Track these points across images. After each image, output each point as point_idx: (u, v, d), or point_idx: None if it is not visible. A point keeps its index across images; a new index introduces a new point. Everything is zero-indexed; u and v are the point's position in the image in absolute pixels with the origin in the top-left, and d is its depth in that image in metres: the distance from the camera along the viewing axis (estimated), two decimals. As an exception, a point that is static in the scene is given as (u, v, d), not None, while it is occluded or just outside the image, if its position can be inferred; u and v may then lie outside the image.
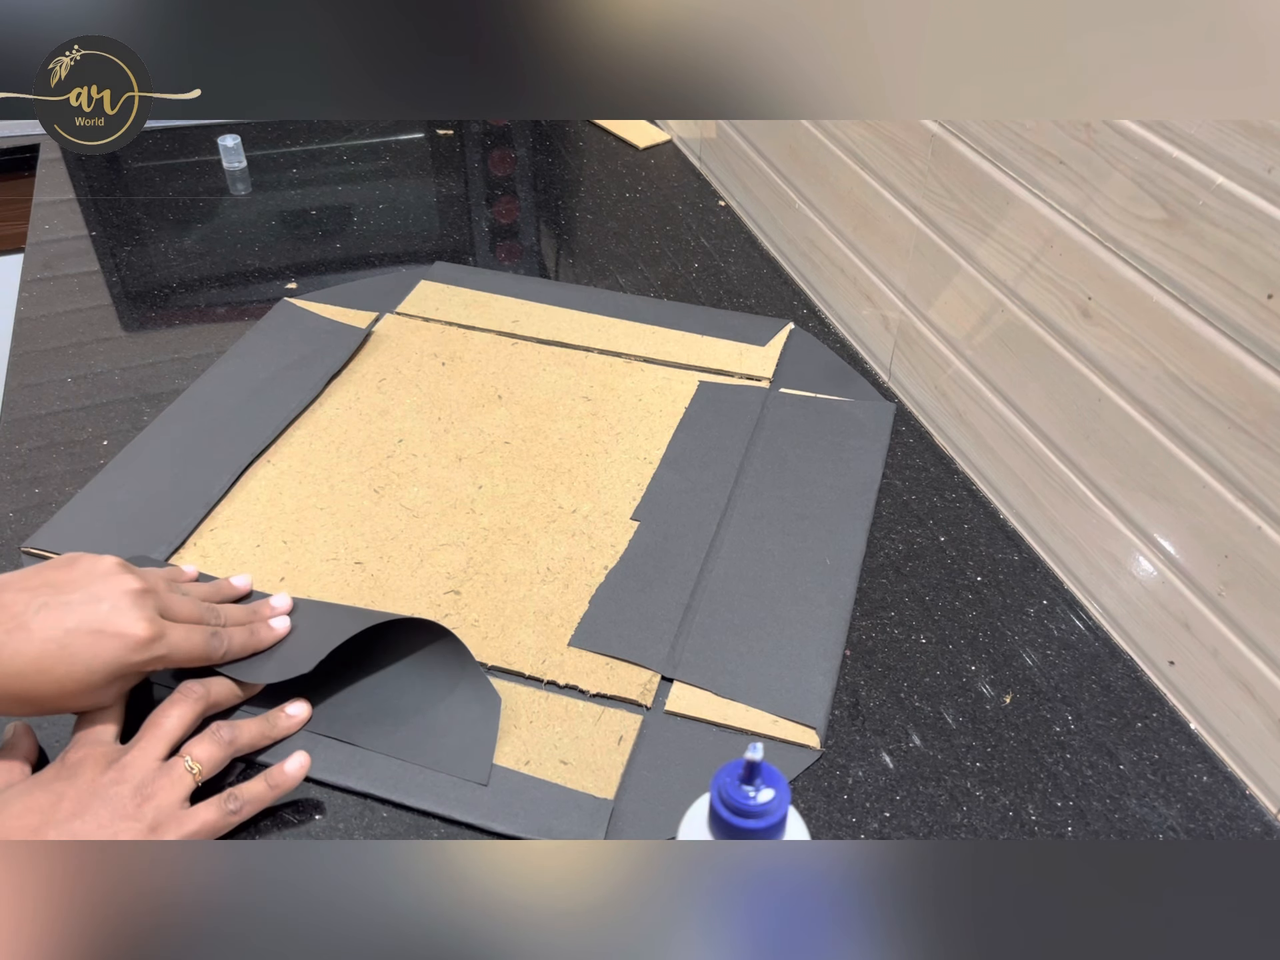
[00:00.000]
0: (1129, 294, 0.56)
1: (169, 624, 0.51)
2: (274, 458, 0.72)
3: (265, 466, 0.71)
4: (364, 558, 0.64)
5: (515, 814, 0.52)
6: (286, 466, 0.71)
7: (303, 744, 0.53)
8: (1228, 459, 0.52)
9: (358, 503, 0.68)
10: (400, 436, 0.74)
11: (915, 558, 0.67)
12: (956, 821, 0.53)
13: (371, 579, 0.63)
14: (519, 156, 1.17)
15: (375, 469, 0.71)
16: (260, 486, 0.69)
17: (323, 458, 0.72)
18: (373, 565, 0.64)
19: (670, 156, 1.17)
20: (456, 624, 0.60)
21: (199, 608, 0.53)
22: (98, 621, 0.48)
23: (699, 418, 0.76)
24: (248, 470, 0.70)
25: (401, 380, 0.79)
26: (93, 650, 0.47)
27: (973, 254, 0.68)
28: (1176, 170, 0.51)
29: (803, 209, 0.91)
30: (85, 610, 0.48)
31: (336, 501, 0.68)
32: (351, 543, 0.65)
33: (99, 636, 0.48)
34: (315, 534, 0.66)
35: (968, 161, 0.67)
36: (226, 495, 0.68)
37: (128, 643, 0.48)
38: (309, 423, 0.75)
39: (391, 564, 0.64)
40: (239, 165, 1.10)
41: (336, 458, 0.72)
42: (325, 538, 0.66)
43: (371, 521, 0.67)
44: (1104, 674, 0.60)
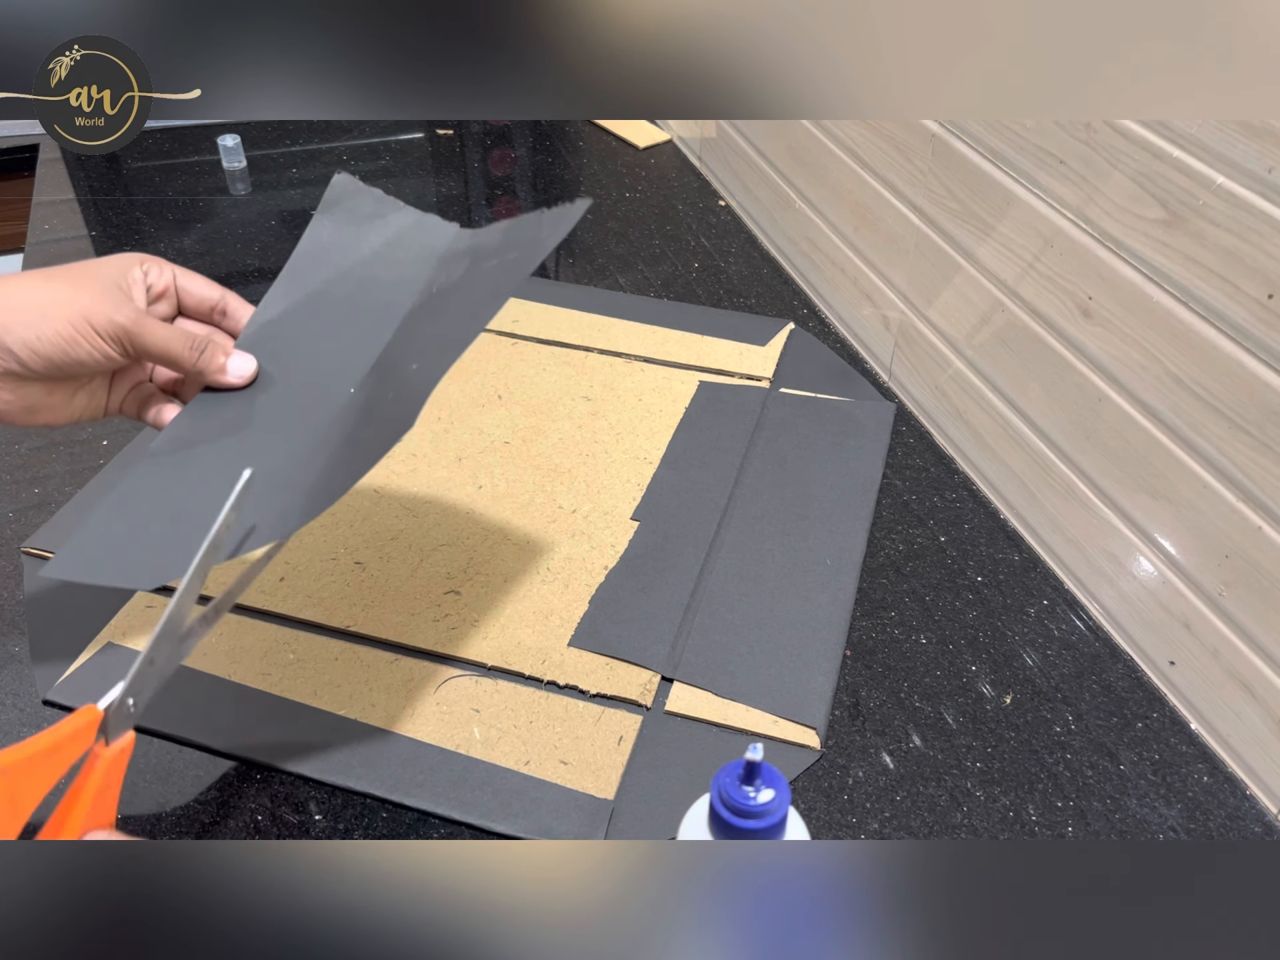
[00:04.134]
0: (1129, 294, 0.56)
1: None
2: (274, 458, 0.72)
3: (265, 466, 0.71)
4: (364, 557, 0.64)
5: (515, 814, 0.51)
6: (286, 466, 0.71)
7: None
8: (1228, 459, 0.52)
9: (358, 502, 0.68)
10: (400, 436, 0.74)
11: (915, 558, 0.67)
12: (957, 822, 0.53)
13: (371, 579, 0.63)
14: (519, 156, 1.17)
15: (375, 469, 0.71)
16: (260, 486, 0.69)
17: (323, 458, 0.72)
18: (373, 565, 0.64)
19: (670, 156, 1.17)
20: (456, 624, 0.60)
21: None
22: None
23: (699, 418, 0.76)
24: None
25: (401, 380, 0.79)
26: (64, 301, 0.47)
27: (973, 254, 0.68)
28: (1177, 170, 0.51)
29: (803, 209, 0.91)
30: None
31: (336, 501, 0.68)
32: (351, 542, 0.65)
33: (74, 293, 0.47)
34: (315, 534, 0.66)
35: (968, 161, 0.67)
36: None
37: (100, 303, 0.47)
38: (309, 423, 0.75)
39: (391, 564, 0.64)
40: (239, 165, 1.10)
41: (336, 458, 0.72)
42: (325, 537, 0.66)
43: (371, 521, 0.67)
44: (1104, 674, 0.60)
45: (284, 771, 0.54)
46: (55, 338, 0.46)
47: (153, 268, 0.51)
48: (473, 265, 0.52)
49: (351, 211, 0.57)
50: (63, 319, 0.47)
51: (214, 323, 0.54)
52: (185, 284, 0.52)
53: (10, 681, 0.58)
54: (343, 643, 0.60)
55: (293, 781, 0.54)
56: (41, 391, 0.49)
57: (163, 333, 0.49)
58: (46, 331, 0.46)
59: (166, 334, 0.49)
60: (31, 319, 0.46)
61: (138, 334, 0.48)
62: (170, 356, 0.49)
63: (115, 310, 0.48)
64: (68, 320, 0.47)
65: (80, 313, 0.47)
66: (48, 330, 0.46)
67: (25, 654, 0.59)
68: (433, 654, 0.59)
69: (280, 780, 0.54)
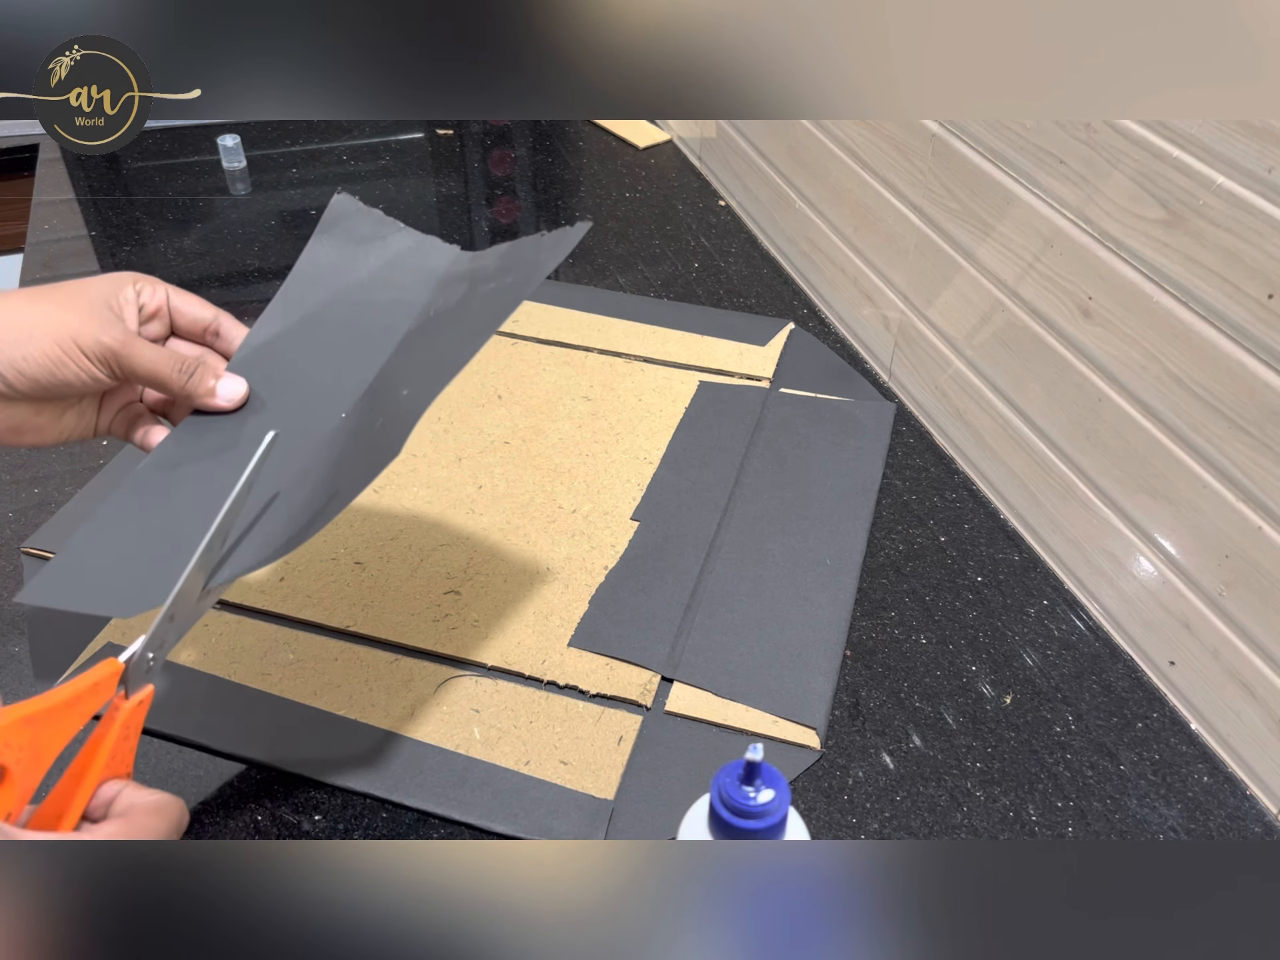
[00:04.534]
0: (1129, 294, 0.56)
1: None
2: (274, 458, 0.72)
3: (265, 466, 0.71)
4: (364, 558, 0.64)
5: (515, 814, 0.51)
6: (286, 466, 0.71)
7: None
8: (1228, 459, 0.52)
9: (358, 503, 0.68)
10: (400, 436, 0.74)
11: (915, 558, 0.67)
12: (957, 822, 0.53)
13: (371, 579, 0.63)
14: (519, 156, 1.17)
15: (375, 469, 0.71)
16: (260, 486, 0.69)
17: (323, 458, 0.72)
18: (373, 565, 0.64)
19: (670, 156, 1.17)
20: (456, 624, 0.60)
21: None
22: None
23: (699, 418, 0.76)
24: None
25: (401, 380, 0.79)
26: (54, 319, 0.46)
27: (973, 254, 0.68)
28: (1177, 170, 0.51)
29: (803, 209, 0.91)
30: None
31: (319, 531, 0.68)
32: (351, 542, 0.65)
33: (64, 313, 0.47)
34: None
35: (968, 161, 0.67)
36: (226, 495, 0.68)
37: (90, 323, 0.47)
38: (309, 423, 0.75)
39: (391, 564, 0.64)
40: (239, 165, 1.10)
41: (336, 458, 0.72)
42: (325, 537, 0.66)
43: (371, 521, 0.67)
44: (1104, 674, 0.60)
45: (284, 771, 0.54)
46: (42, 359, 0.46)
47: (146, 287, 0.51)
48: (470, 289, 0.52)
49: (350, 233, 0.56)
50: (50, 340, 0.46)
51: (207, 343, 0.53)
52: (178, 304, 0.52)
53: (10, 681, 0.58)
54: (342, 643, 0.60)
55: (293, 781, 0.54)
56: (29, 412, 0.48)
57: (150, 355, 0.48)
58: (33, 352, 0.46)
59: (154, 356, 0.48)
60: (18, 339, 0.46)
61: (125, 356, 0.47)
62: (158, 379, 0.49)
63: (103, 331, 0.47)
64: (55, 341, 0.46)
65: (68, 334, 0.46)
66: (34, 351, 0.46)
67: (25, 654, 0.59)
68: (433, 654, 0.59)
69: (280, 780, 0.54)
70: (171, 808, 0.41)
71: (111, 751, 0.41)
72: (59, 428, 0.50)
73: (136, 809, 0.40)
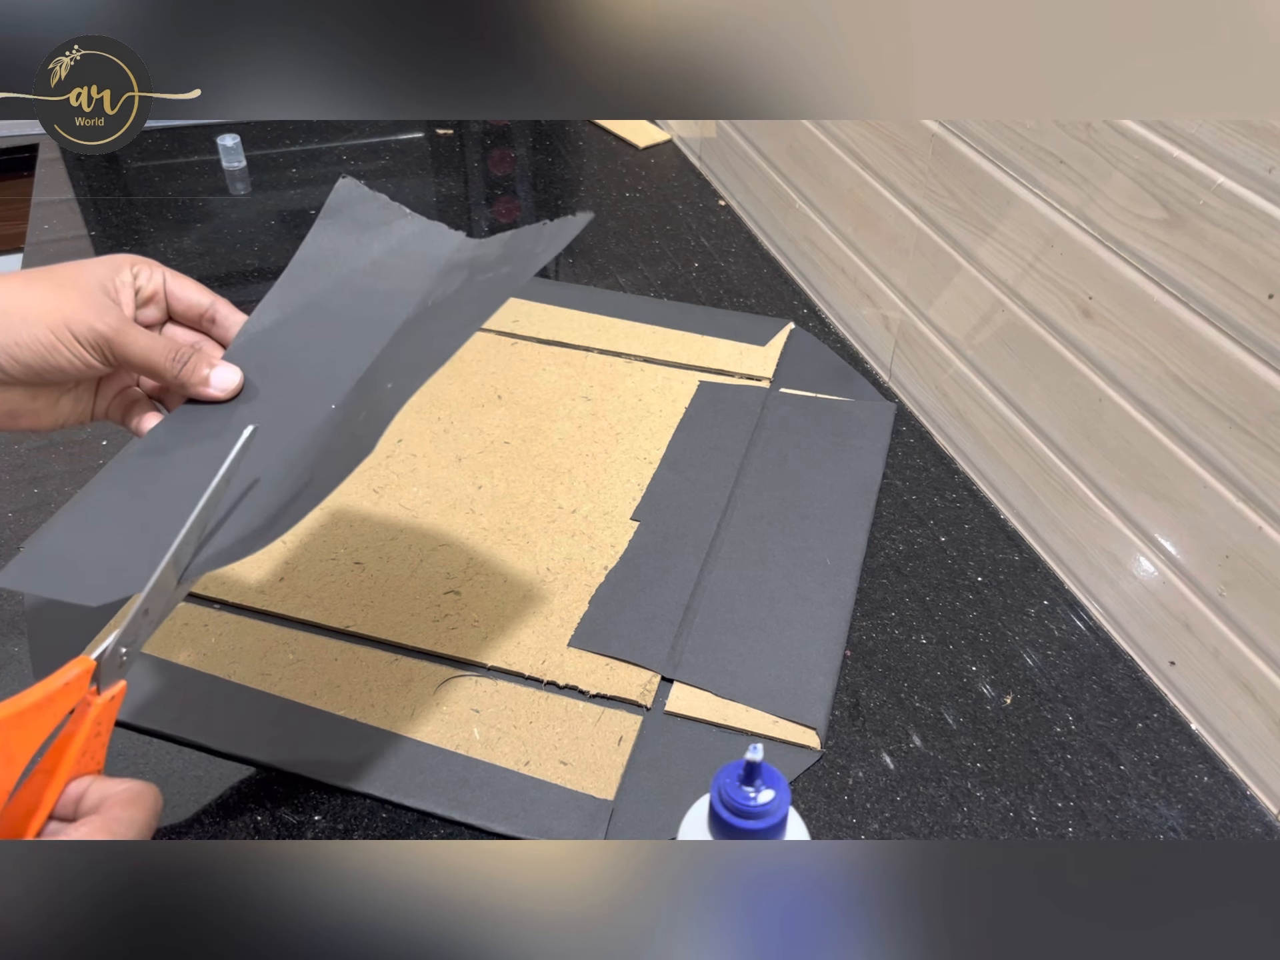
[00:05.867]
0: (1130, 294, 0.56)
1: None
2: (274, 458, 0.72)
3: (265, 466, 0.71)
4: (364, 558, 0.64)
5: (515, 814, 0.51)
6: (286, 466, 0.71)
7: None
8: (1228, 459, 0.52)
9: (357, 502, 0.68)
10: (399, 436, 0.74)
11: (916, 558, 0.67)
12: (957, 822, 0.53)
13: (371, 579, 0.63)
14: (519, 156, 1.17)
15: (375, 469, 0.71)
16: (260, 486, 0.69)
17: (323, 458, 0.72)
18: (373, 565, 0.64)
19: (670, 156, 1.17)
20: (456, 624, 0.60)
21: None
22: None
23: (699, 418, 0.76)
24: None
25: (401, 380, 0.79)
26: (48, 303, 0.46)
27: (973, 254, 0.68)
28: (1177, 170, 0.51)
29: (803, 209, 0.91)
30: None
31: (336, 501, 0.68)
32: (351, 543, 0.65)
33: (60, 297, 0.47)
34: (315, 534, 0.66)
35: (968, 161, 0.67)
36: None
37: (85, 306, 0.47)
38: (309, 423, 0.75)
39: (391, 564, 0.64)
40: (239, 165, 1.10)
41: (336, 458, 0.72)
42: (325, 538, 0.66)
43: (371, 521, 0.67)
44: (1104, 674, 0.60)
45: (284, 771, 0.54)
46: (35, 344, 0.46)
47: (143, 270, 0.50)
48: (469, 278, 0.51)
49: (355, 218, 0.55)
50: (43, 325, 0.46)
51: (203, 330, 0.53)
52: (175, 288, 0.52)
53: (10, 681, 0.58)
54: (342, 643, 0.60)
55: (293, 781, 0.54)
56: (24, 396, 0.48)
57: (144, 342, 0.48)
58: (25, 337, 0.46)
59: (148, 343, 0.48)
60: (11, 323, 0.45)
61: (118, 343, 0.47)
62: (151, 366, 0.49)
63: (97, 318, 0.47)
64: (48, 326, 0.46)
65: (61, 319, 0.46)
66: (27, 336, 0.46)
67: (25, 654, 0.59)
68: (433, 654, 0.59)
69: (280, 780, 0.54)
70: (146, 795, 0.40)
71: (82, 748, 0.40)
72: (55, 413, 0.50)
73: (111, 801, 0.39)
